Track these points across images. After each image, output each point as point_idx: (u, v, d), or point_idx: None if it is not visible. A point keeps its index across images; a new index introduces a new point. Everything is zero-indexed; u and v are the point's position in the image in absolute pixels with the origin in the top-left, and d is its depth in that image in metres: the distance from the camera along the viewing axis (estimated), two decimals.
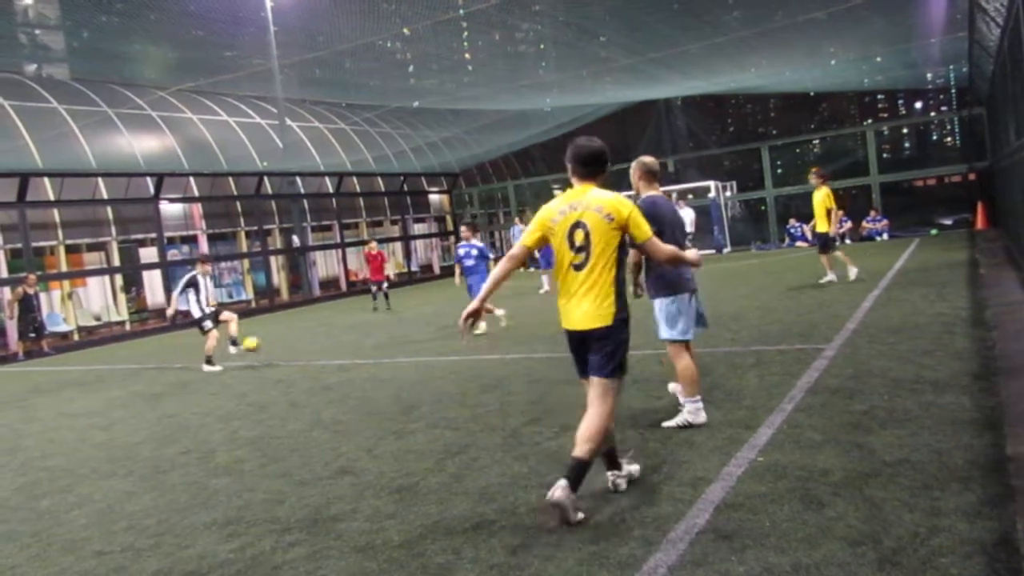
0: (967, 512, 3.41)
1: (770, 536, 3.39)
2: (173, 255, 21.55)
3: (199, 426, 7.24)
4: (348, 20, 17.86)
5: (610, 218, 3.90)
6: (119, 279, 20.51)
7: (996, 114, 16.48)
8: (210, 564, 3.86)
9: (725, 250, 24.29)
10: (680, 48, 18.96)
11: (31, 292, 16.23)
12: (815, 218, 12.85)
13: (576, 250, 3.94)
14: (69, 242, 19.41)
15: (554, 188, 34.19)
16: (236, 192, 23.49)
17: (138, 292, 21.49)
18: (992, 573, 2.90)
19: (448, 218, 31.65)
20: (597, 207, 3.92)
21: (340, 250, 26.01)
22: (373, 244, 19.00)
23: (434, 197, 31.61)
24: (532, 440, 5.39)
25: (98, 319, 20.06)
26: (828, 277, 12.51)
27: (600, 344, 3.93)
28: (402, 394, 7.61)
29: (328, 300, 23.83)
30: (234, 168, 23.54)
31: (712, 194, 24.78)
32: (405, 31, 19.96)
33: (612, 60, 21.69)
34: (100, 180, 19.81)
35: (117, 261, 20.33)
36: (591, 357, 3.99)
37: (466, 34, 21.83)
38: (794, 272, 15.37)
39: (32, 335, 16.40)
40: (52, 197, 18.71)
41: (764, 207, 25.54)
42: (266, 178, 23.79)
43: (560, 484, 3.71)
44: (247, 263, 23.66)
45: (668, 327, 5.32)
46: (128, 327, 20.06)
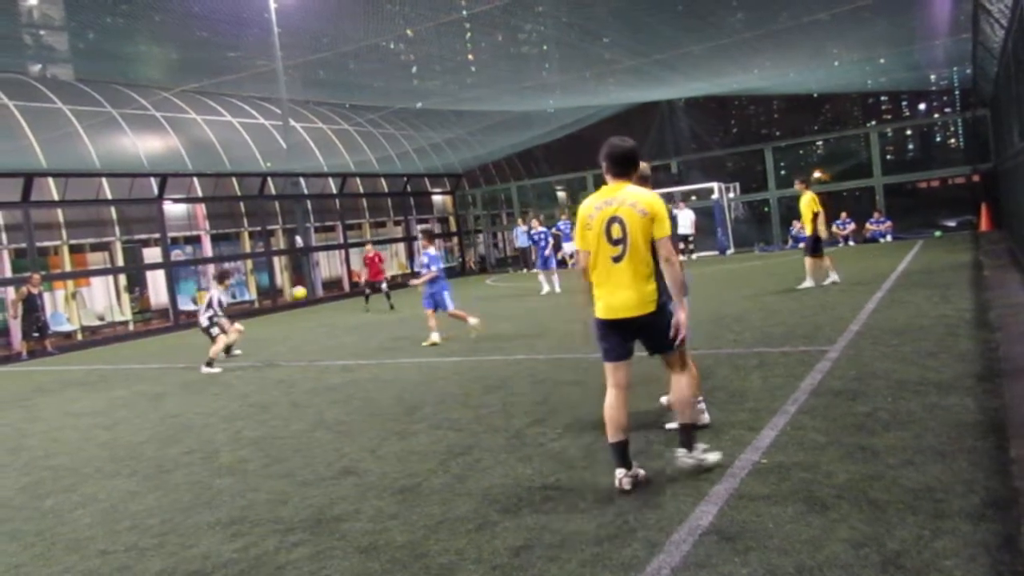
0: (971, 515, 3.41)
1: (773, 538, 3.39)
2: (176, 255, 21.59)
3: (202, 426, 7.25)
4: (352, 21, 17.91)
5: (644, 212, 4.17)
6: (123, 279, 20.55)
7: (1000, 116, 16.45)
8: (214, 564, 3.87)
9: (728, 251, 24.30)
10: (684, 49, 18.96)
11: (35, 292, 16.26)
12: (802, 223, 12.99)
13: (614, 243, 4.23)
14: (73, 242, 19.45)
15: (557, 189, 34.23)
16: (240, 193, 23.51)
17: (141, 292, 21.54)
18: None
19: (451, 219, 31.67)
20: (632, 202, 4.20)
21: (343, 251, 26.04)
22: (369, 247, 19.19)
23: (437, 198, 31.62)
24: (536, 441, 5.39)
25: (101, 319, 20.10)
26: (807, 283, 12.60)
27: (650, 328, 4.27)
28: (405, 395, 7.62)
29: (331, 301, 23.85)
30: (238, 169, 23.58)
31: (715, 195, 24.78)
32: (408, 32, 20.00)
33: (615, 61, 21.70)
34: (104, 180, 19.86)
35: (121, 261, 20.36)
36: (645, 342, 4.36)
37: (469, 35, 21.86)
38: (797, 274, 15.30)
39: (36, 335, 16.43)
40: (56, 197, 18.75)
41: (767, 209, 25.49)
42: (270, 179, 23.82)
43: (679, 452, 4.35)
44: (250, 264, 23.70)
45: None
46: (131, 327, 20.11)
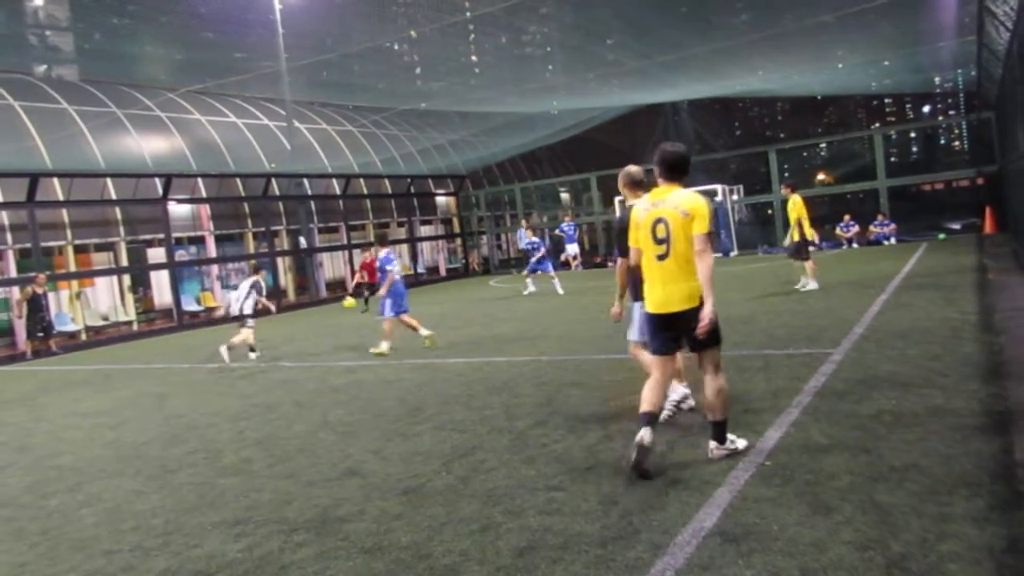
0: (976, 517, 3.40)
1: (777, 540, 3.39)
2: (180, 256, 21.63)
3: (206, 426, 7.26)
4: (356, 23, 17.96)
5: (685, 214, 4.42)
6: (127, 279, 20.61)
7: (1005, 118, 16.42)
8: (218, 564, 3.88)
9: (731, 253, 24.28)
10: (687, 51, 18.97)
11: (40, 292, 16.31)
12: (791, 226, 13.10)
13: (658, 242, 4.50)
14: (78, 242, 19.51)
15: (561, 191, 34.22)
16: (244, 193, 23.57)
17: (146, 292, 21.59)
18: None
19: (455, 220, 31.68)
20: (675, 204, 4.46)
21: (347, 251, 26.07)
22: (369, 251, 19.26)
23: (441, 199, 31.64)
24: (539, 442, 5.39)
25: (106, 319, 20.15)
26: (811, 285, 12.64)
27: (694, 323, 4.40)
28: (408, 396, 7.62)
29: (334, 301, 23.86)
30: (242, 169, 23.64)
31: (719, 197, 24.76)
32: (413, 34, 20.03)
33: (619, 63, 21.72)
34: (109, 181, 19.92)
35: (125, 261, 20.42)
36: (688, 338, 4.52)
37: (472, 36, 21.90)
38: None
39: (40, 334, 16.48)
40: (61, 197, 18.82)
41: (771, 211, 25.47)
42: (274, 180, 23.88)
43: (711, 446, 4.54)
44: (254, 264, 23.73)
45: (639, 330, 5.56)
46: (135, 327, 20.16)
